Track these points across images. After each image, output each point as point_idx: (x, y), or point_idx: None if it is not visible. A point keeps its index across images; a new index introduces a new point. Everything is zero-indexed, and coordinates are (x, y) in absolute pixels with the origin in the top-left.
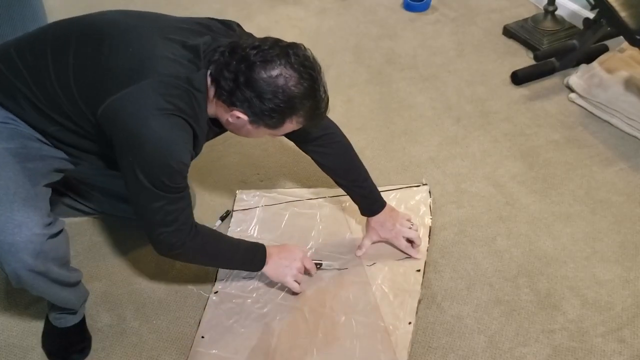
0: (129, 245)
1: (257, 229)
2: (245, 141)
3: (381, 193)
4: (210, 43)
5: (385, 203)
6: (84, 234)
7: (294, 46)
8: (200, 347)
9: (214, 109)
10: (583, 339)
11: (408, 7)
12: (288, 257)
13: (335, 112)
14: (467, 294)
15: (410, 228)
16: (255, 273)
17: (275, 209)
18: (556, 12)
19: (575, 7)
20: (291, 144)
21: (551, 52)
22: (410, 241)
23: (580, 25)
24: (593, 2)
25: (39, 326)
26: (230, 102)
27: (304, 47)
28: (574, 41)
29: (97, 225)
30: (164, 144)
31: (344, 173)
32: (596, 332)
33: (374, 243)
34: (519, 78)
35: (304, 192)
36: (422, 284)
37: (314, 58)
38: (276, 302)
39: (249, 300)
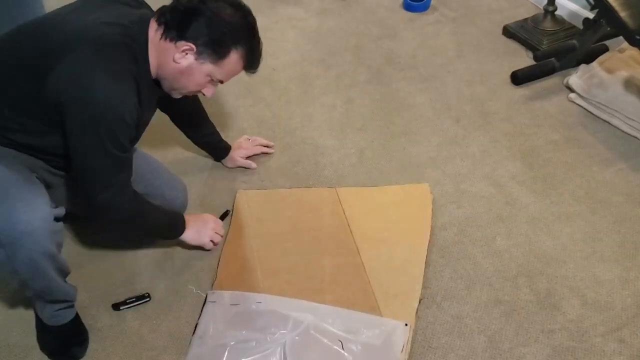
0: (129, 245)
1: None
2: None
3: (381, 192)
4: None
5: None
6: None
7: None
8: (197, 348)
9: (157, 56)
10: (583, 339)
11: (408, 7)
12: (203, 223)
13: (335, 112)
14: (467, 294)
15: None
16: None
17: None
18: (556, 12)
19: (575, 7)
20: (291, 144)
21: (551, 52)
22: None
23: (580, 25)
24: (593, 2)
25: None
26: (179, 35)
27: None
28: (574, 41)
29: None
30: (113, 100)
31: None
32: (596, 332)
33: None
34: (518, 78)
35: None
36: (422, 284)
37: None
38: (276, 302)
39: (248, 299)
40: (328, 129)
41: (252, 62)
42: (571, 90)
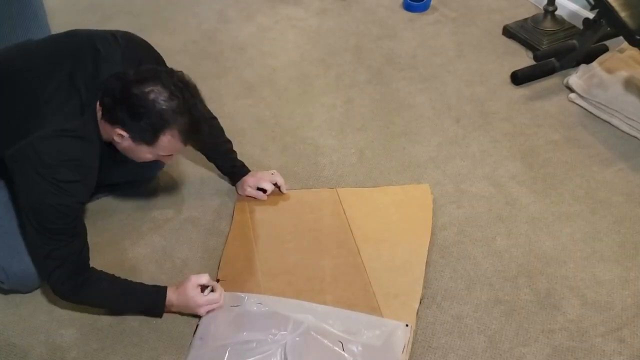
0: (129, 245)
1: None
2: (245, 141)
3: (381, 193)
4: (98, 76)
5: (246, 172)
6: None
7: (170, 70)
8: (198, 349)
9: (104, 131)
10: (583, 339)
11: (408, 7)
12: (187, 307)
13: (335, 112)
14: (467, 294)
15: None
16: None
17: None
18: (556, 12)
19: (575, 7)
20: (291, 144)
21: (551, 52)
22: (263, 189)
23: (580, 25)
24: (593, 2)
25: (39, 326)
26: (113, 120)
27: (182, 73)
28: (574, 41)
29: (98, 226)
30: (62, 188)
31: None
32: (596, 332)
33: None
34: (518, 78)
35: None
36: (422, 285)
37: (189, 80)
38: (277, 303)
39: (249, 300)
40: (328, 129)
41: (188, 139)
42: (571, 90)
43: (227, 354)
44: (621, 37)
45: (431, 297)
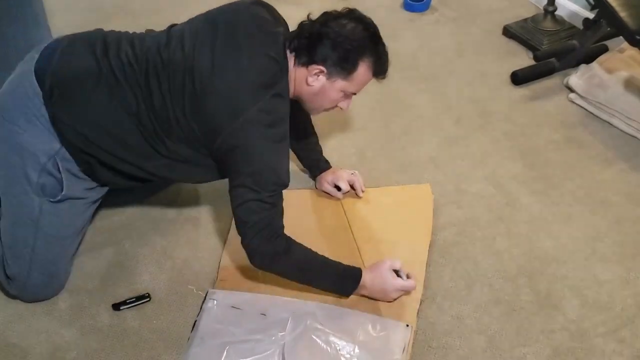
0: (129, 245)
1: None
2: None
3: (382, 193)
4: (284, 32)
5: (328, 167)
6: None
7: (354, 9)
8: (196, 347)
9: (294, 81)
10: (583, 339)
11: (408, 7)
12: (381, 290)
13: (335, 112)
14: (467, 294)
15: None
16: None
17: None
18: (556, 12)
19: (575, 7)
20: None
21: (551, 52)
22: (338, 187)
23: (580, 25)
24: (593, 2)
25: (39, 326)
26: (309, 59)
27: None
28: (574, 41)
29: (97, 226)
30: (276, 167)
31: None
32: (596, 332)
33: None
34: (519, 78)
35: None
36: (423, 285)
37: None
38: (276, 304)
39: (248, 300)
40: (328, 129)
41: (380, 68)
42: (571, 90)
43: (225, 353)
44: (621, 37)
45: (431, 297)
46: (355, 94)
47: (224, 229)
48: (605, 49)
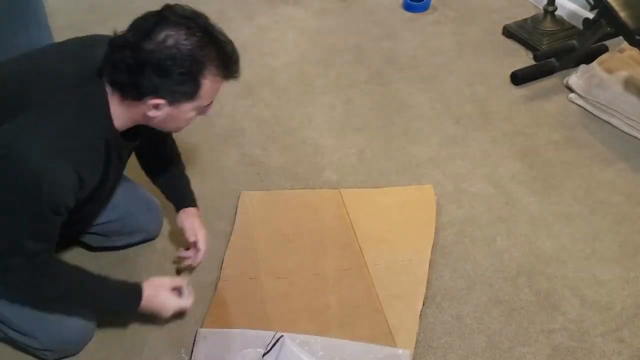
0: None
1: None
2: (245, 141)
3: (384, 194)
4: (93, 58)
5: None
6: None
7: (168, 6)
8: (202, 346)
9: (127, 114)
10: (583, 339)
11: (408, 7)
12: (155, 308)
13: (335, 112)
14: (467, 294)
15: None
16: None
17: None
18: (556, 13)
19: (575, 7)
20: (291, 144)
21: (551, 52)
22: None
23: (580, 25)
24: (593, 2)
25: None
26: (140, 94)
27: (181, 5)
28: (574, 41)
29: None
30: (45, 185)
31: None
32: (596, 332)
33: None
34: (518, 78)
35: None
36: (425, 286)
37: (193, 10)
38: (277, 303)
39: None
40: (328, 129)
41: (229, 70)
42: (571, 90)
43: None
44: (621, 37)
45: (431, 297)
46: (210, 104)
47: (224, 229)
48: (605, 49)
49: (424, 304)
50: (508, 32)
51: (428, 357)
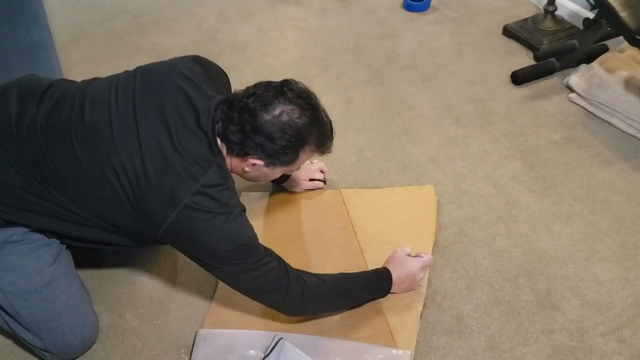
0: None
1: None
2: None
3: (385, 194)
4: (208, 109)
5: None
6: None
7: (287, 82)
8: (202, 348)
9: (229, 166)
10: (583, 339)
11: (408, 7)
12: (410, 275)
13: (335, 112)
14: (467, 294)
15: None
16: None
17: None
18: (556, 12)
19: (575, 7)
20: None
21: (551, 52)
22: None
23: (580, 25)
24: (593, 2)
25: None
26: (244, 153)
27: (295, 81)
28: (574, 41)
29: None
30: (232, 238)
31: None
32: (596, 332)
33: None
34: (519, 78)
35: None
36: (426, 287)
37: (307, 88)
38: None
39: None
40: None
41: (325, 147)
42: (571, 90)
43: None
44: (621, 37)
45: (431, 297)
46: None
47: None
48: (605, 49)
49: (424, 306)
50: (508, 32)
51: (428, 357)
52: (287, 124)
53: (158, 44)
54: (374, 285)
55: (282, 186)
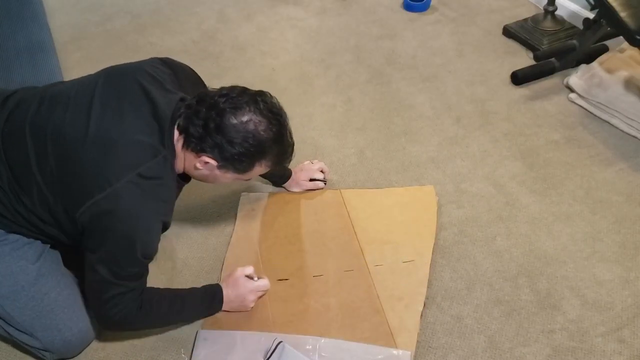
0: None
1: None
2: None
3: (386, 194)
4: (167, 103)
5: (291, 173)
6: None
7: (262, 94)
8: (202, 348)
9: (182, 161)
10: (583, 339)
11: (408, 7)
12: (239, 295)
13: (335, 112)
14: (467, 294)
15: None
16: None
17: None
18: (556, 12)
19: (575, 7)
20: None
21: (551, 52)
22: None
23: (580, 25)
24: (593, 2)
25: None
26: (200, 149)
27: (271, 95)
28: (574, 41)
29: None
30: (142, 241)
31: None
32: (596, 332)
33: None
34: (518, 78)
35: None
36: (426, 287)
37: (280, 105)
38: (278, 305)
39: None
40: (328, 129)
41: (280, 164)
42: (571, 90)
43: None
44: (621, 37)
45: (431, 297)
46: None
47: (224, 229)
48: (605, 49)
49: (425, 307)
50: (508, 32)
51: (428, 358)
52: (250, 133)
53: (158, 44)
54: (206, 302)
55: (282, 186)
